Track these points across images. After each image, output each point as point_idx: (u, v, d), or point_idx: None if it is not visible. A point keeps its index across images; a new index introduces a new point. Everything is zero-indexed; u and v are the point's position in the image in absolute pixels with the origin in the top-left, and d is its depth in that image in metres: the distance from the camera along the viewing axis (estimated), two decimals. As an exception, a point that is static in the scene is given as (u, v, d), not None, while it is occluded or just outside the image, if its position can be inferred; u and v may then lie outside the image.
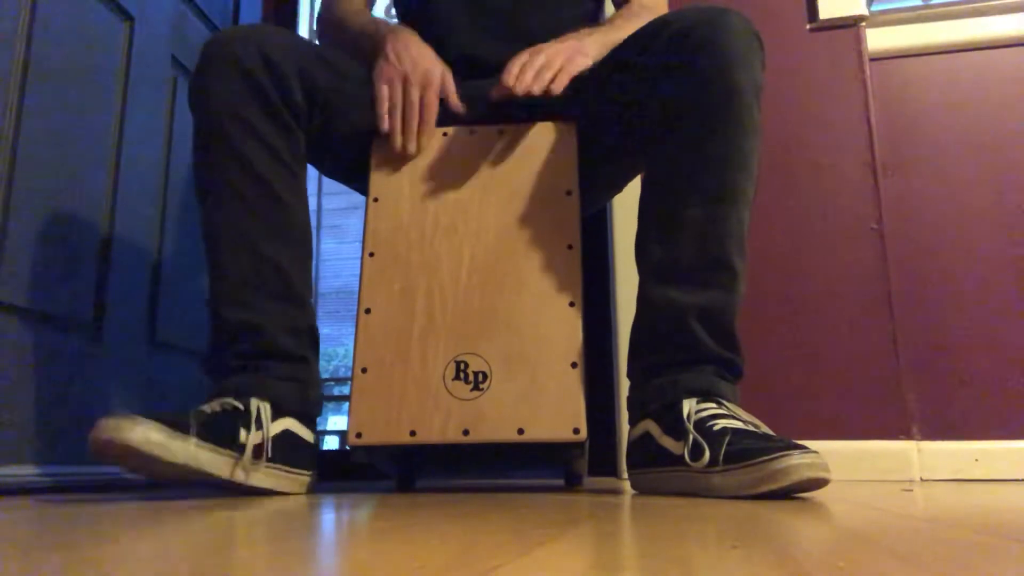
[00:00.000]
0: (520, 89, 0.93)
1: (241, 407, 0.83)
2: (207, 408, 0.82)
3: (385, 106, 0.98)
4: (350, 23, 1.10)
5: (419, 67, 0.97)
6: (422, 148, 0.99)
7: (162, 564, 0.33)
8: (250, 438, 0.82)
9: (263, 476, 0.84)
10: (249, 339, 0.89)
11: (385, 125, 0.97)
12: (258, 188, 0.91)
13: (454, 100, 0.99)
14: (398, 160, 0.99)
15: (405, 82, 0.97)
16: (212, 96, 0.90)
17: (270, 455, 0.84)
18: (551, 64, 0.95)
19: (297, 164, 0.96)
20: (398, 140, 0.98)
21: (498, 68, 0.98)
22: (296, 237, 0.94)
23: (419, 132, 0.98)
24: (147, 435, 0.72)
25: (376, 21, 1.08)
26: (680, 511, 0.59)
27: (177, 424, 0.76)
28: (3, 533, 0.47)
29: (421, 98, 0.97)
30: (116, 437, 0.71)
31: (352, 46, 1.07)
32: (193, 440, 0.76)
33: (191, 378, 1.42)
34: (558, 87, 0.94)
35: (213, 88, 0.90)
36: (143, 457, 0.72)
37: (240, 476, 0.81)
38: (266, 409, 0.85)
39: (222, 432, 0.80)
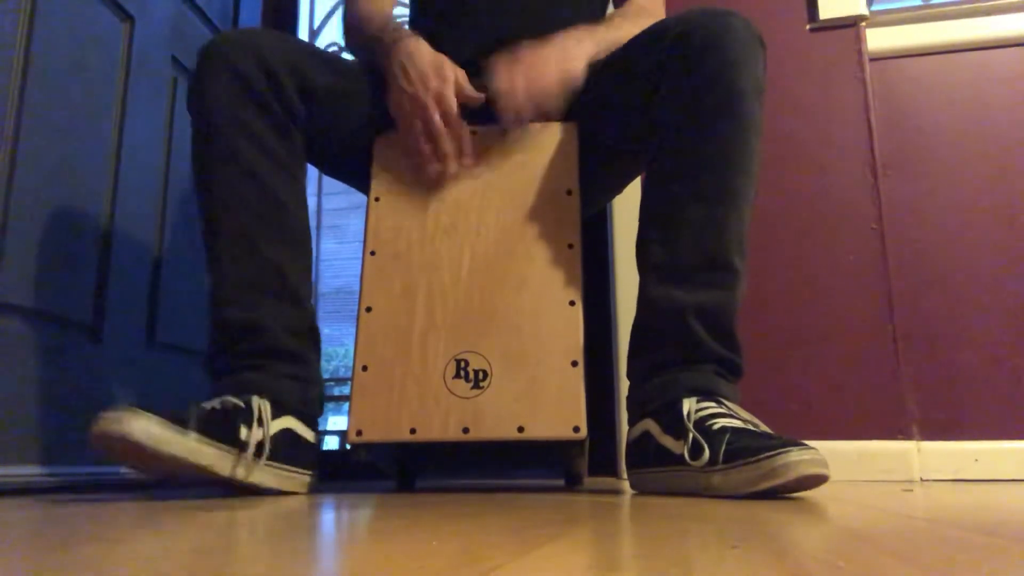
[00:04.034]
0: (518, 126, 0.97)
1: (242, 404, 0.84)
2: (207, 405, 0.82)
3: (409, 139, 0.96)
4: (364, 27, 1.07)
5: (430, 84, 0.94)
6: (463, 166, 0.96)
7: (162, 564, 0.33)
8: (251, 435, 0.82)
9: (264, 474, 0.84)
10: (250, 339, 0.89)
11: (415, 158, 0.96)
12: (256, 190, 0.91)
13: (471, 94, 0.97)
14: (399, 159, 0.99)
15: (421, 107, 0.94)
16: (208, 99, 0.91)
17: (270, 453, 0.84)
18: (535, 81, 0.94)
19: (295, 165, 0.96)
20: (434, 167, 0.95)
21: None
22: (295, 238, 0.94)
23: (455, 149, 0.96)
24: (147, 428, 0.72)
25: (384, 27, 1.04)
26: (680, 511, 0.59)
27: (177, 419, 0.75)
28: (3, 533, 0.47)
29: (444, 115, 0.95)
30: (116, 429, 0.71)
31: (367, 55, 1.05)
32: (193, 435, 0.76)
33: (191, 378, 1.42)
34: (555, 105, 0.96)
35: (209, 91, 0.91)
36: (142, 450, 0.72)
37: (241, 473, 0.80)
38: (266, 407, 0.85)
39: (223, 428, 0.80)
